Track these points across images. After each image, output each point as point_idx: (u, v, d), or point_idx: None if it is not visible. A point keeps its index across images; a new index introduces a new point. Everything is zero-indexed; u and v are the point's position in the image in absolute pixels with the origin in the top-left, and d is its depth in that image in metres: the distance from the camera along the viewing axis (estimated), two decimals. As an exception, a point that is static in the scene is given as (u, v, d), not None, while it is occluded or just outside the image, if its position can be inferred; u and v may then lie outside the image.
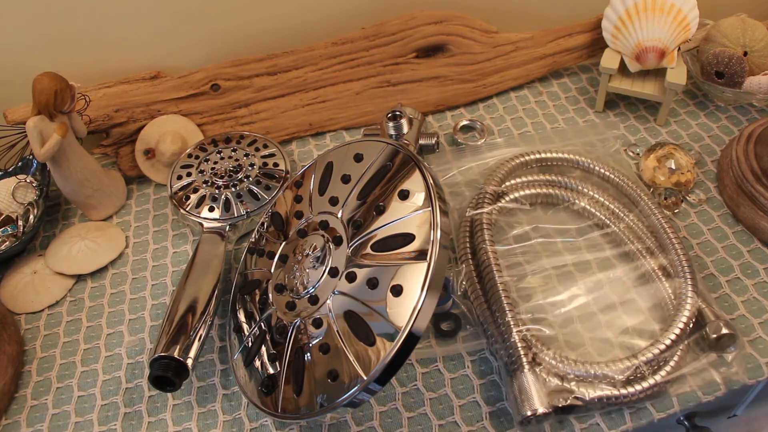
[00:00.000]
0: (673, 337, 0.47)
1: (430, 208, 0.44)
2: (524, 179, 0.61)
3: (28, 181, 0.63)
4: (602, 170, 0.60)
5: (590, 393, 0.46)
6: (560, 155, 0.61)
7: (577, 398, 0.46)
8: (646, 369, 0.47)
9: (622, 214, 0.57)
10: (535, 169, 0.62)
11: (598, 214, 0.58)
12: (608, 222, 0.58)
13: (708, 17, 0.72)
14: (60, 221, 0.66)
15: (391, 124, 0.62)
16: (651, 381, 0.46)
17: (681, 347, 0.48)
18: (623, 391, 0.46)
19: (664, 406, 0.48)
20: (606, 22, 0.69)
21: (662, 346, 0.47)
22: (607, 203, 0.58)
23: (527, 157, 0.61)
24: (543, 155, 0.61)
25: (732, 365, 0.48)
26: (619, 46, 0.68)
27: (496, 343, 0.50)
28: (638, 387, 0.46)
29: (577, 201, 0.59)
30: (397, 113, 0.62)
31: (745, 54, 0.67)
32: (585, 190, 0.59)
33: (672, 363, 0.47)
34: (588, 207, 0.59)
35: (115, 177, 0.67)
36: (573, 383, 0.46)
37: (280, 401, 0.45)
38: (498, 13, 0.76)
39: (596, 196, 0.59)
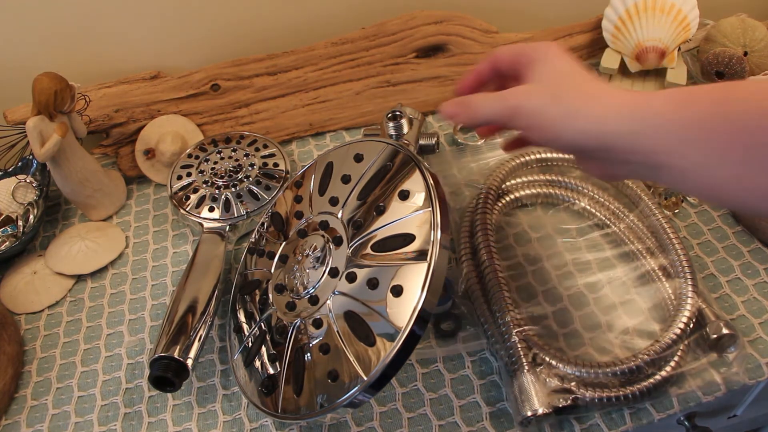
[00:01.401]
0: (673, 337, 0.47)
1: (430, 208, 0.44)
2: (524, 179, 0.61)
3: (28, 181, 0.63)
4: (602, 170, 0.60)
5: (590, 393, 0.46)
6: (560, 155, 0.61)
7: (577, 398, 0.46)
8: (647, 369, 0.47)
9: (622, 215, 0.57)
10: (536, 169, 0.62)
11: (598, 214, 0.58)
12: (608, 222, 0.58)
13: (708, 17, 0.72)
14: (60, 221, 0.66)
15: (391, 124, 0.62)
16: (651, 381, 0.46)
17: (681, 347, 0.48)
18: (623, 391, 0.46)
19: (664, 406, 0.48)
20: (606, 22, 0.69)
21: (662, 346, 0.47)
22: (607, 203, 0.58)
23: (527, 157, 0.61)
24: (543, 155, 0.61)
25: (732, 365, 0.48)
26: (619, 46, 0.68)
27: (496, 343, 0.50)
28: (638, 387, 0.46)
29: (577, 201, 0.59)
30: (397, 113, 0.62)
31: (745, 54, 0.67)
32: (585, 190, 0.59)
33: (672, 363, 0.47)
34: (588, 207, 0.59)
35: (115, 177, 0.67)
36: (573, 383, 0.46)
37: (280, 401, 0.45)
38: (498, 13, 0.76)
39: (596, 196, 0.59)
